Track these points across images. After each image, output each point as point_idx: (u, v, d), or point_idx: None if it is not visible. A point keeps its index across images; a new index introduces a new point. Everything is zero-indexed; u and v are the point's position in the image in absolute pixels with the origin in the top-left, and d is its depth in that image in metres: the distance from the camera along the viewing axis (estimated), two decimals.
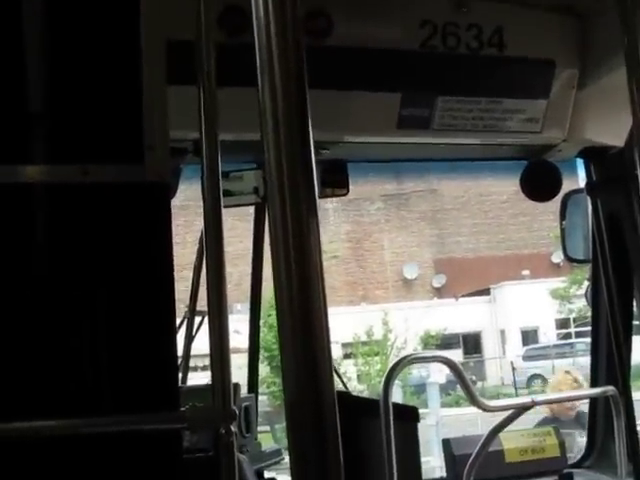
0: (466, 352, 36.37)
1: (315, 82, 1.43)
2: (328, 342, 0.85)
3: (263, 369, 19.52)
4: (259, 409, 4.34)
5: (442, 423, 19.47)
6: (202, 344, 2.65)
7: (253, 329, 4.15)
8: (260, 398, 4.54)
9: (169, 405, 1.76)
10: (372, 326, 30.16)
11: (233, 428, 1.69)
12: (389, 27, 2.85)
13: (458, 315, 33.48)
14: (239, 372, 3.11)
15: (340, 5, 2.82)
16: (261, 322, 4.45)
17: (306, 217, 0.76)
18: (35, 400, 1.72)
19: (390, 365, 3.57)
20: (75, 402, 1.76)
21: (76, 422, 1.70)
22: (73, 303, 1.77)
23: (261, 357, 4.69)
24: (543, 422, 6.17)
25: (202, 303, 3.75)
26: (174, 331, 1.85)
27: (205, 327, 1.91)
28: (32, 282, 1.76)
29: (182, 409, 1.72)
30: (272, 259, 0.81)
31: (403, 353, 26.91)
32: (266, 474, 3.86)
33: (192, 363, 4.12)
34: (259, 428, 4.58)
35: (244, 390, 4.13)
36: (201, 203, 1.75)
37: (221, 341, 1.70)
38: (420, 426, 3.64)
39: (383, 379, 3.23)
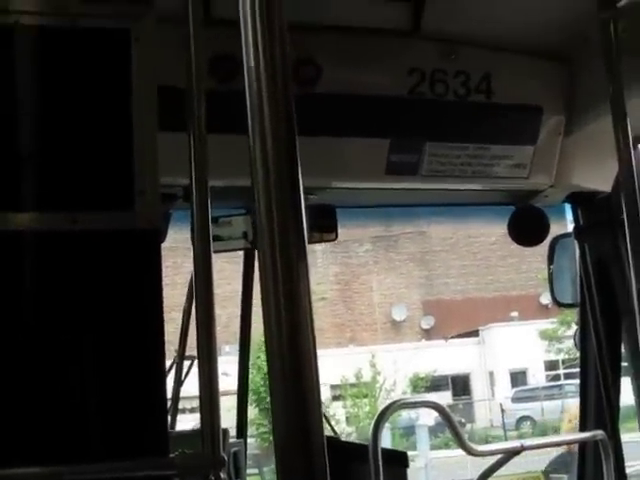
0: (455, 394, 36.35)
1: (304, 129, 1.45)
2: (318, 387, 0.86)
3: (252, 411, 19.41)
4: (247, 451, 4.30)
5: (431, 466, 19.41)
6: (190, 386, 2.64)
7: (242, 372, 4.13)
8: (248, 440, 4.50)
9: (159, 451, 1.76)
10: (360, 368, 30.06)
11: (222, 475, 1.69)
12: (377, 74, 2.90)
13: (447, 357, 33.53)
14: (227, 414, 3.09)
15: (329, 53, 2.86)
16: (250, 364, 4.43)
17: (296, 263, 0.77)
18: (23, 446, 1.71)
19: (379, 410, 3.56)
20: (64, 448, 1.76)
21: (62, 469, 1.67)
22: (63, 348, 1.77)
23: (250, 399, 4.66)
24: (560, 458, 6.19)
25: (191, 345, 3.74)
26: (164, 376, 1.86)
27: (194, 370, 1.92)
28: (22, 328, 1.77)
29: (172, 455, 1.71)
30: (262, 305, 0.82)
31: (392, 395, 26.90)
32: None
33: (180, 405, 4.08)
34: (248, 471, 4.53)
35: (232, 433, 4.09)
36: (189, 245, 1.76)
37: (211, 387, 1.70)
38: (409, 470, 3.61)
39: (372, 425, 3.21)
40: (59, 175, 1.82)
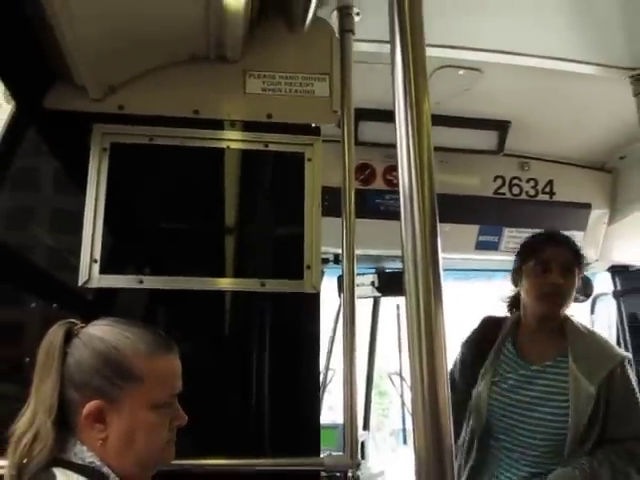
0: None
1: None
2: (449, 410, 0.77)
3: None
4: None
5: None
6: None
7: (367, 392, 4.09)
8: None
9: (312, 451, 1.81)
10: None
11: (359, 473, 1.69)
12: (472, 180, 2.96)
13: None
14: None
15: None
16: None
17: (435, 312, 0.76)
18: (216, 444, 1.76)
19: None
20: (243, 446, 1.82)
21: (242, 462, 1.73)
22: (251, 373, 1.86)
23: None
24: None
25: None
26: (319, 394, 1.89)
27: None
28: (225, 359, 1.88)
29: (322, 456, 1.74)
30: (409, 343, 0.77)
31: None
32: None
33: None
34: None
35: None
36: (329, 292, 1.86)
37: (351, 405, 1.73)
38: None
39: None
40: (253, 252, 1.94)
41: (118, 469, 1.15)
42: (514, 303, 2.34)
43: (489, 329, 2.33)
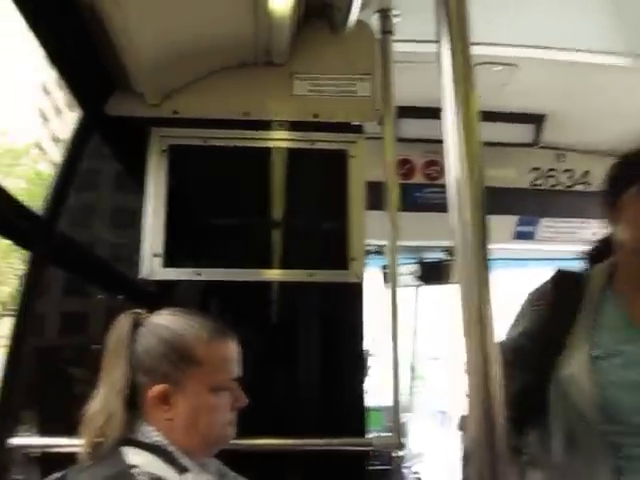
0: None
1: None
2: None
3: None
4: None
5: None
6: None
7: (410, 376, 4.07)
8: None
9: (359, 432, 1.80)
10: None
11: (402, 453, 1.69)
12: (509, 172, 2.90)
13: None
14: None
15: None
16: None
17: (485, 300, 0.74)
18: (270, 424, 1.80)
19: None
20: (295, 427, 1.85)
21: (294, 442, 1.76)
22: (300, 359, 1.87)
23: None
24: None
25: None
26: (364, 378, 1.90)
27: None
28: (276, 344, 1.90)
29: (370, 436, 1.74)
30: (464, 330, 0.75)
31: None
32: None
33: None
34: None
35: None
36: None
37: (397, 389, 1.73)
38: None
39: None
40: (301, 245, 1.95)
41: (182, 448, 1.17)
42: (602, 252, 1.56)
43: (567, 287, 1.56)
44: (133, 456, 1.11)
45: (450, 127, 0.78)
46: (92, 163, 1.98)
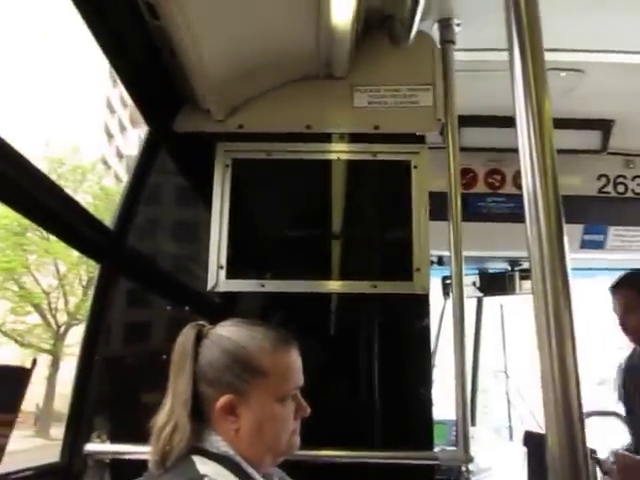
0: None
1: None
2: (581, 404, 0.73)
3: None
4: None
5: None
6: None
7: (473, 389, 3.97)
8: None
9: (426, 445, 1.77)
10: None
11: (471, 467, 1.65)
12: (575, 179, 2.80)
13: None
14: None
15: None
16: None
17: (564, 313, 0.72)
18: (334, 436, 1.77)
19: None
20: (359, 438, 1.83)
21: (358, 454, 1.73)
22: (364, 370, 1.85)
23: None
24: None
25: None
26: (431, 392, 1.86)
27: None
28: (341, 356, 1.91)
29: (436, 450, 1.71)
30: (538, 343, 0.74)
31: None
32: None
33: None
34: None
35: None
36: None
37: (464, 401, 1.69)
38: None
39: None
40: (364, 256, 1.95)
41: (249, 457, 1.18)
42: None
43: None
44: (202, 465, 1.13)
45: (524, 137, 0.77)
46: (160, 178, 2.04)
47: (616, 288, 2.34)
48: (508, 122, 0.83)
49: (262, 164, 1.97)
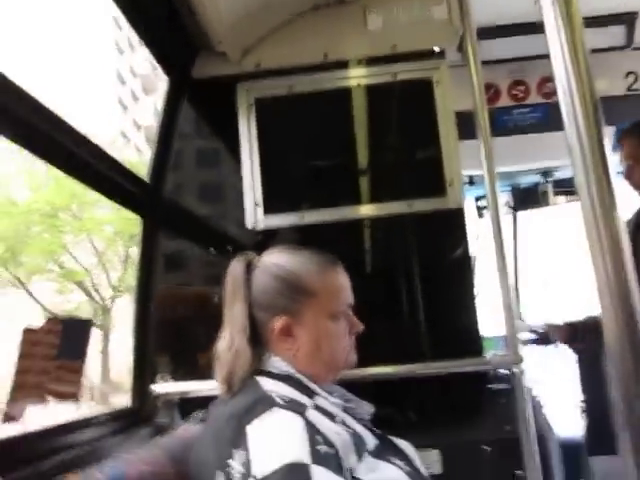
0: None
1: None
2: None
3: None
4: None
5: None
6: None
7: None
8: None
9: (476, 352, 1.81)
10: None
11: (522, 368, 1.69)
12: (602, 80, 2.72)
13: None
14: None
15: None
16: None
17: (611, 212, 0.72)
18: (383, 353, 1.81)
19: None
20: (410, 353, 1.89)
21: (411, 367, 1.76)
22: (409, 285, 1.89)
23: None
24: None
25: None
26: (474, 299, 1.91)
27: None
28: (386, 274, 1.92)
29: (486, 355, 1.75)
30: (589, 246, 0.74)
31: None
32: None
33: None
34: None
35: None
36: None
37: (510, 306, 1.73)
38: None
39: None
40: (397, 178, 1.95)
41: (310, 375, 1.24)
42: None
43: None
44: (267, 385, 1.20)
45: (554, 37, 0.76)
46: (187, 125, 2.07)
47: (623, 137, 2.20)
48: (527, 28, 0.81)
49: (284, 99, 1.98)
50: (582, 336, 2.14)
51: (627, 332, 0.69)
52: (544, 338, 2.36)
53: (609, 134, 2.92)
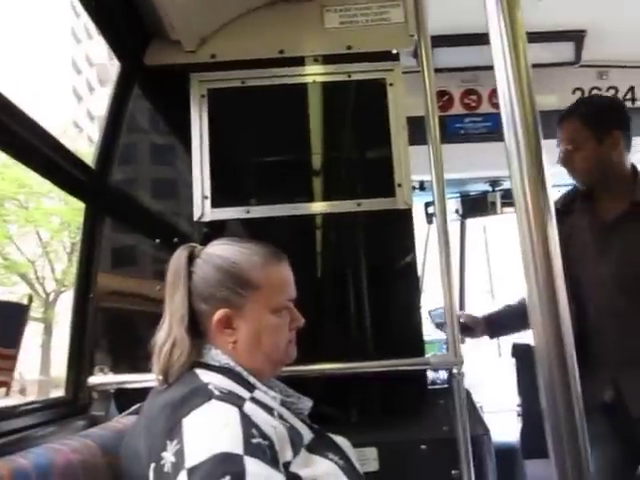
0: None
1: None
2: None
3: None
4: None
5: None
6: None
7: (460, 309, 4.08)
8: None
9: (417, 353, 1.82)
10: None
11: (462, 369, 1.72)
12: (548, 95, 2.80)
13: None
14: None
15: None
16: None
17: (546, 225, 0.73)
18: (327, 350, 1.85)
19: None
20: (352, 351, 1.88)
21: (352, 365, 1.78)
22: (353, 287, 1.90)
23: None
24: None
25: None
26: (419, 301, 1.92)
27: None
28: (331, 274, 1.95)
29: (428, 355, 1.78)
30: (522, 255, 0.74)
31: None
32: None
33: None
34: None
35: None
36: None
37: (452, 309, 1.74)
38: None
39: None
40: (347, 176, 1.97)
41: (249, 368, 1.23)
42: None
43: None
44: (205, 376, 1.18)
45: (498, 52, 0.75)
46: (136, 113, 2.03)
47: (564, 118, 2.11)
48: (480, 39, 0.81)
49: (238, 92, 1.96)
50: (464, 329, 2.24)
51: (554, 342, 0.70)
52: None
53: (555, 147, 3.02)
